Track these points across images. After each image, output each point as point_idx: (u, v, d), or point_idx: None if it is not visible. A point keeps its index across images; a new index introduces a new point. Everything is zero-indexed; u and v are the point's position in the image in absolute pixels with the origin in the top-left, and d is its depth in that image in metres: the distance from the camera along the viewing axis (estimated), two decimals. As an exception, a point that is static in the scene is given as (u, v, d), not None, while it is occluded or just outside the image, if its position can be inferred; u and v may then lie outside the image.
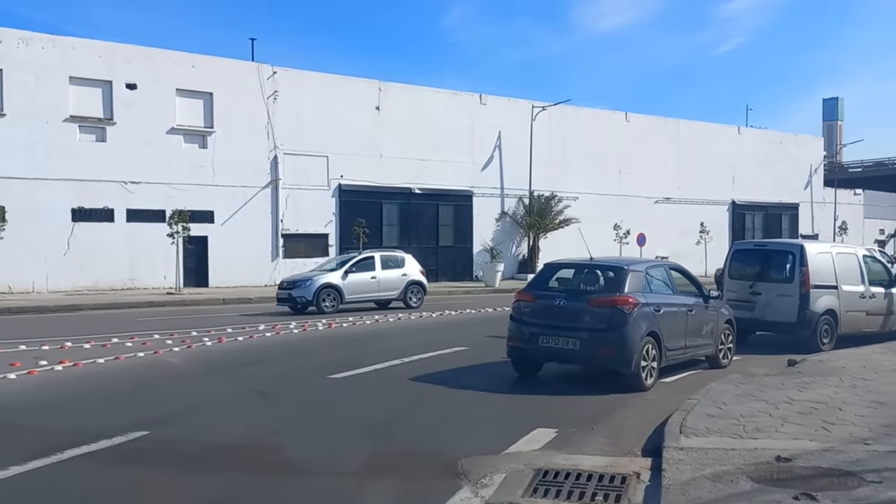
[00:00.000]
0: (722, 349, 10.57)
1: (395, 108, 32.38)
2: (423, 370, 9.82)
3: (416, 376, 9.35)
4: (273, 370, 10.14)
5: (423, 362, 10.54)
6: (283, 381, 9.33)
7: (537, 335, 8.93)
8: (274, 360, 10.97)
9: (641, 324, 8.68)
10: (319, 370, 9.78)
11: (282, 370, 10.13)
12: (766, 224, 47.30)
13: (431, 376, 9.39)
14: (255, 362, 10.78)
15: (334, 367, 9.93)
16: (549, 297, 9.07)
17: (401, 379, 9.26)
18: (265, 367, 10.41)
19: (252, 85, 29.19)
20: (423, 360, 10.65)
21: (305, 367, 10.31)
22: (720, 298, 10.32)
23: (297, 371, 10.03)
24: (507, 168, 35.92)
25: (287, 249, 29.85)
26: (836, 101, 66.40)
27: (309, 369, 10.08)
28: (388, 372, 9.80)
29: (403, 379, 9.24)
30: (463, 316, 18.59)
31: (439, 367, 10.14)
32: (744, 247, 13.74)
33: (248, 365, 10.55)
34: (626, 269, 8.96)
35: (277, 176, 29.51)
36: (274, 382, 9.26)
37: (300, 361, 10.91)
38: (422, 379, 9.24)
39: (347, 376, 9.42)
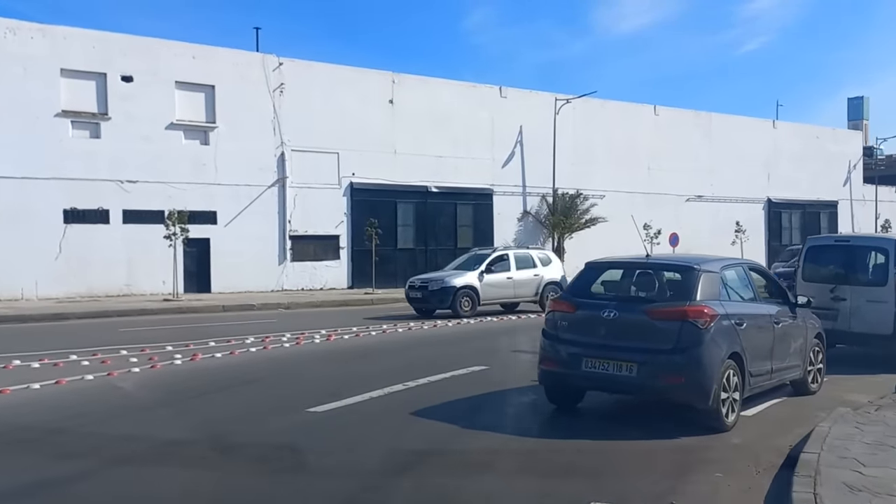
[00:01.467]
0: (811, 371, 8.40)
1: (409, 101, 30.39)
2: (429, 400, 7.76)
3: (420, 410, 7.27)
4: (241, 400, 8.10)
5: (432, 388, 8.48)
6: (245, 418, 7.26)
7: (579, 357, 6.84)
8: (247, 386, 8.94)
9: (721, 342, 6.56)
10: (300, 400, 7.74)
11: (252, 400, 8.10)
12: (804, 223, 44.69)
13: (439, 410, 7.32)
14: (225, 388, 8.76)
15: (320, 395, 7.90)
16: (593, 306, 6.98)
17: (398, 414, 7.21)
18: (233, 396, 8.39)
19: (257, 77, 27.34)
20: (431, 386, 8.60)
21: (283, 395, 8.29)
22: (808, 304, 8.13)
23: (270, 401, 8.00)
24: (530, 165, 33.80)
25: (295, 252, 27.94)
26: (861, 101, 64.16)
27: (287, 398, 8.05)
28: (385, 402, 7.75)
29: (403, 414, 7.17)
30: (482, 325, 16.48)
31: (450, 394, 8.09)
32: (821, 242, 11.44)
33: (214, 392, 8.53)
34: (696, 269, 6.84)
35: (284, 174, 27.61)
36: (234, 420, 7.20)
37: (280, 386, 8.88)
38: (426, 414, 7.17)
39: (332, 410, 7.36)
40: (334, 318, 17.90)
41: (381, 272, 28.55)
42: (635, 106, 38.27)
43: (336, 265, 28.63)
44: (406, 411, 7.19)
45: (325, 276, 28.36)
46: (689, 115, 40.39)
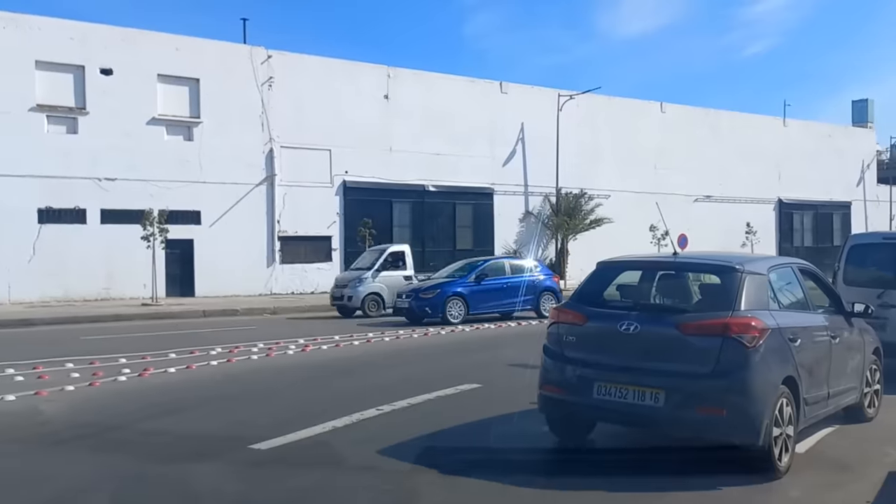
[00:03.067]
0: (868, 393, 6.96)
1: (405, 96, 29.02)
2: (405, 430, 6.33)
3: (390, 447, 5.81)
4: (178, 431, 6.64)
5: (412, 413, 7.06)
6: (171, 458, 5.69)
7: (590, 381, 5.41)
8: (193, 410, 7.51)
9: (772, 364, 5.15)
10: (245, 432, 6.30)
11: (190, 430, 6.64)
12: (816, 224, 43.29)
13: (413, 446, 5.86)
14: (166, 413, 7.33)
15: (271, 426, 6.49)
16: (609, 317, 5.54)
17: (362, 453, 5.76)
18: (173, 423, 6.94)
19: (244, 70, 26.01)
20: (412, 410, 7.17)
21: (229, 423, 6.87)
22: (869, 313, 6.67)
23: (209, 432, 6.54)
24: (532, 163, 32.39)
25: (285, 254, 26.56)
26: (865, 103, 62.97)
27: (233, 428, 6.63)
28: (350, 435, 6.31)
29: (367, 453, 5.72)
30: (478, 333, 15.03)
31: (432, 422, 6.67)
32: (866, 241, 9.98)
33: (150, 418, 7.10)
34: (739, 270, 5.40)
35: (273, 171, 26.25)
36: (155, 459, 5.66)
37: (228, 412, 7.45)
38: (396, 452, 5.71)
39: (281, 446, 5.90)
40: (320, 326, 16.50)
41: (376, 275, 27.13)
42: (641, 103, 36.85)
43: (328, 267, 27.23)
44: (373, 448, 5.75)
45: (317, 279, 26.96)
46: (698, 113, 38.99)
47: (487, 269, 18.04)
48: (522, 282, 18.08)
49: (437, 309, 16.77)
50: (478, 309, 17.24)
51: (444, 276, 18.65)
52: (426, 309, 17.00)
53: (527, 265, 19.55)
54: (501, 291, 17.70)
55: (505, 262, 19.51)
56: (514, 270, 18.61)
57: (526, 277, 18.32)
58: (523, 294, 17.87)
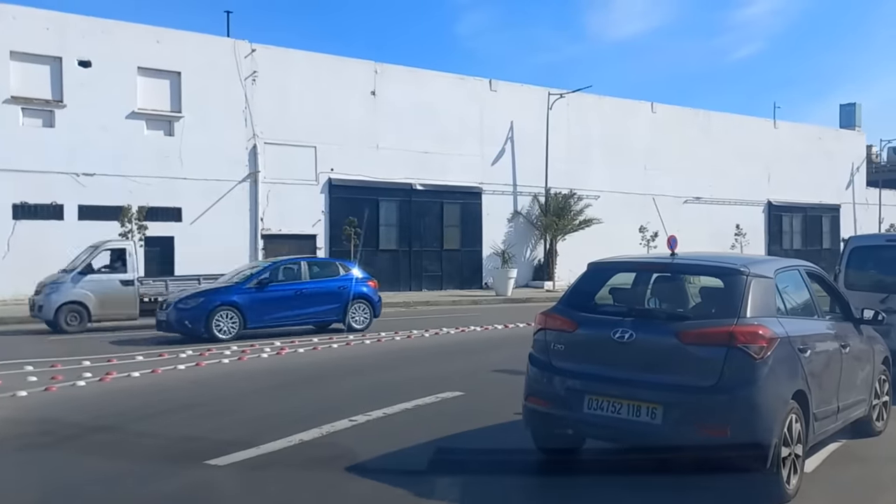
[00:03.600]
0: (876, 405, 6.52)
1: (393, 93, 28.46)
2: (379, 444, 5.83)
3: (361, 463, 5.31)
4: (127, 444, 6.09)
5: (387, 425, 6.55)
6: (113, 475, 5.22)
7: (580, 394, 4.93)
8: (150, 420, 6.96)
9: (781, 377, 4.68)
10: (205, 445, 5.79)
11: (142, 443, 6.10)
12: (805, 227, 43.09)
13: (387, 464, 5.38)
14: (117, 423, 6.75)
15: (235, 438, 5.97)
16: (601, 324, 5.06)
17: (330, 470, 5.28)
18: (123, 435, 6.40)
19: (227, 64, 25.37)
20: (387, 421, 6.66)
21: (188, 435, 6.34)
22: (879, 320, 6.21)
23: (163, 445, 6.01)
24: (521, 162, 31.92)
25: (268, 252, 25.90)
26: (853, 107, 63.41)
27: (191, 440, 6.11)
28: (318, 449, 5.81)
29: (336, 471, 5.23)
30: (464, 336, 14.51)
31: (409, 435, 6.17)
32: (868, 243, 9.52)
33: (98, 430, 6.53)
34: (745, 273, 4.92)
35: (257, 168, 25.63)
36: (94, 477, 5.20)
37: (189, 422, 6.91)
38: (368, 470, 5.21)
39: (241, 462, 5.40)
40: (299, 327, 15.93)
41: (361, 275, 26.59)
42: (632, 103, 36.45)
43: (312, 267, 26.62)
44: (342, 465, 5.25)
45: (301, 279, 26.35)
46: (688, 114, 38.66)
47: (275, 272, 15.10)
48: (326, 287, 15.24)
49: (199, 322, 13.50)
50: (260, 322, 14.23)
51: (225, 281, 15.52)
52: (185, 322, 13.67)
53: (333, 267, 16.57)
54: (294, 300, 14.70)
55: (303, 263, 16.05)
56: (316, 274, 15.66)
57: (331, 282, 15.46)
58: (327, 303, 15.10)
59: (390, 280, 28.23)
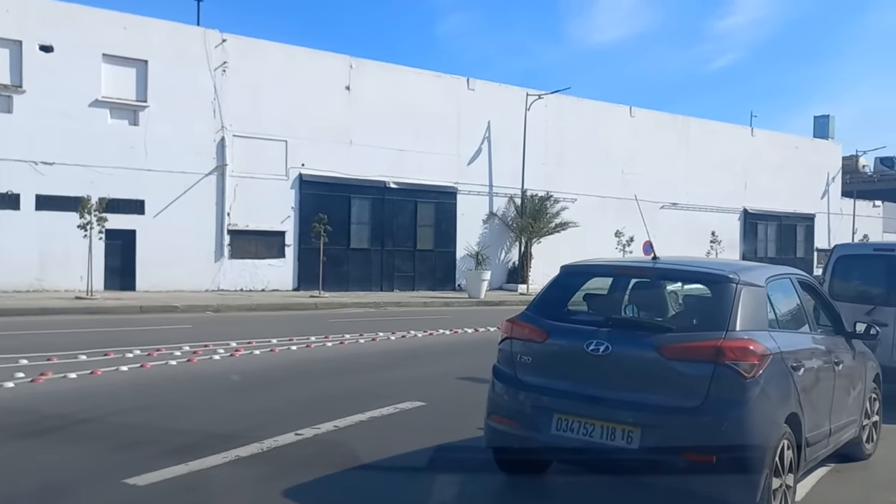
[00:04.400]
0: (866, 426, 6.03)
1: (368, 88, 27.81)
2: (324, 464, 5.21)
3: (298, 486, 4.70)
4: (42, 457, 5.43)
5: (336, 440, 5.94)
6: (14, 496, 4.59)
7: (549, 413, 4.38)
8: (73, 429, 6.28)
9: (774, 398, 4.17)
10: (128, 459, 5.14)
11: (58, 456, 5.44)
12: (780, 235, 43.12)
13: (326, 488, 4.75)
14: (38, 431, 6.08)
15: (163, 451, 5.34)
16: (573, 334, 4.50)
17: (269, 493, 4.63)
18: (40, 445, 5.72)
19: (196, 53, 24.56)
20: (337, 435, 6.06)
21: (112, 447, 5.68)
22: (873, 334, 5.72)
23: (81, 459, 5.35)
24: (497, 163, 31.43)
25: (234, 248, 25.15)
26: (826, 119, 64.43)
27: (114, 453, 5.46)
28: (253, 469, 5.18)
29: (272, 495, 4.59)
30: (432, 340, 13.91)
31: (359, 452, 5.58)
32: (855, 251, 9.10)
33: (14, 438, 5.85)
34: (734, 280, 4.39)
35: (224, 161, 24.83)
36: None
37: (116, 432, 6.24)
38: (303, 496, 4.59)
39: (163, 481, 4.77)
40: (261, 327, 15.25)
41: (332, 274, 25.94)
42: (610, 106, 36.14)
43: (281, 264, 25.93)
44: (278, 488, 4.64)
45: (268, 276, 25.64)
46: (666, 119, 38.44)
47: None
48: None
49: None
50: None
51: None
52: None
53: None
54: None
55: None
56: None
57: None
58: None
59: (361, 280, 27.62)
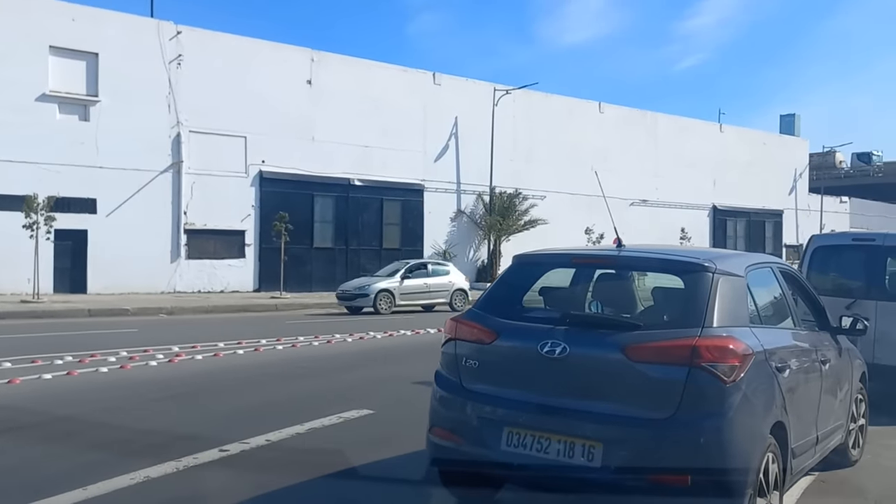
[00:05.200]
0: (852, 430, 5.50)
1: (331, 83, 27.07)
2: (246, 487, 4.55)
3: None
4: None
5: (266, 456, 5.27)
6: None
7: (498, 426, 3.75)
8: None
9: (757, 406, 3.58)
10: (17, 484, 4.42)
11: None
12: (749, 231, 43.16)
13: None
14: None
15: (59, 475, 4.64)
16: (527, 334, 3.87)
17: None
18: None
19: (150, 46, 23.64)
20: (267, 451, 5.38)
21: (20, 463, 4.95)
22: (860, 329, 5.18)
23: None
24: (465, 160, 30.85)
25: (192, 248, 24.26)
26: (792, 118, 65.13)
27: (4, 476, 4.71)
28: (166, 491, 4.50)
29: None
30: (391, 341, 13.23)
31: (289, 473, 4.93)
32: (833, 242, 8.57)
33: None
34: (710, 269, 3.78)
35: (180, 158, 23.95)
36: None
37: (14, 453, 5.51)
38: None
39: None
40: (212, 330, 14.45)
41: (295, 274, 25.17)
42: (579, 102, 35.78)
43: (241, 265, 25.09)
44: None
45: (228, 277, 24.78)
46: (635, 115, 38.20)
47: None
48: None
49: None
50: None
51: None
52: None
53: None
54: None
55: None
56: None
57: None
58: None
59: (325, 280, 26.84)
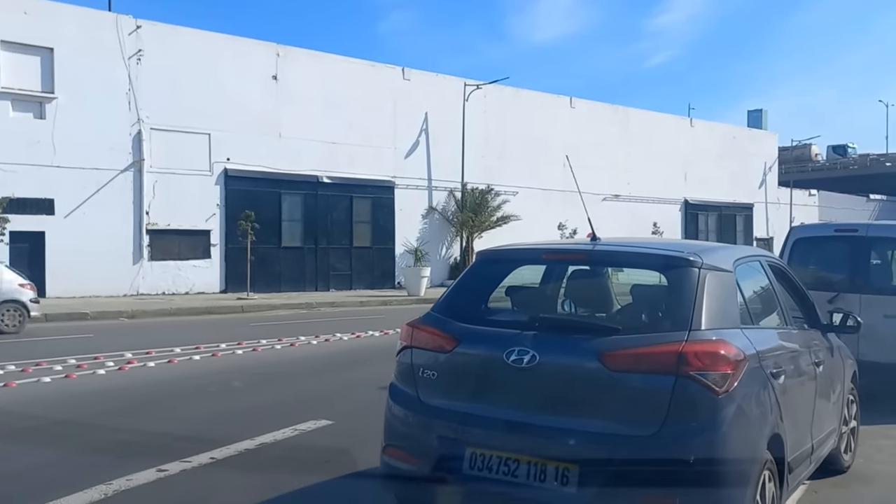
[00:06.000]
0: (844, 433, 5.14)
1: (297, 78, 26.42)
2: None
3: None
4: None
5: (208, 476, 4.78)
6: None
7: (460, 446, 3.30)
8: None
9: (752, 418, 3.20)
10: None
11: None
12: (720, 225, 43.24)
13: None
14: None
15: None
16: (491, 340, 3.43)
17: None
18: None
19: (109, 41, 22.81)
20: (211, 470, 4.88)
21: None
22: (852, 326, 4.80)
23: None
24: (436, 156, 30.38)
25: (155, 249, 23.49)
26: (759, 113, 66.02)
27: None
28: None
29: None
30: (358, 343, 12.74)
31: (234, 495, 4.39)
32: (814, 233, 8.23)
33: None
34: (696, 263, 3.35)
35: (142, 156, 23.15)
36: None
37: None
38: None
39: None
40: (172, 334, 13.86)
41: (263, 274, 24.53)
42: (551, 97, 35.45)
43: (206, 265, 24.38)
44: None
45: (193, 278, 24.06)
46: (607, 110, 38.01)
47: None
48: None
49: None
50: None
51: None
52: None
53: None
54: None
55: None
56: None
57: None
58: None
59: (294, 280, 26.26)
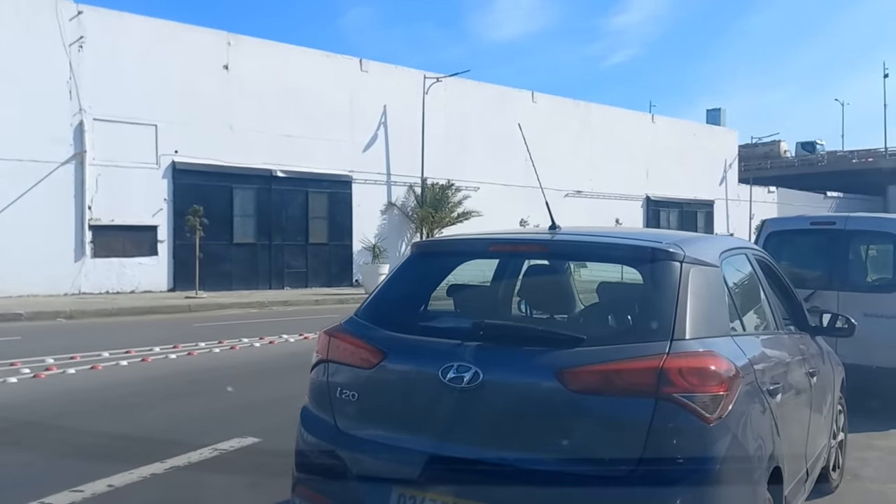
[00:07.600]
0: (832, 448, 4.57)
1: (249, 68, 25.44)
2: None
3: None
4: None
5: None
6: None
7: (386, 486, 2.60)
8: None
9: (749, 449, 2.55)
10: None
11: None
12: (682, 222, 43.28)
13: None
14: None
15: None
16: (424, 353, 2.73)
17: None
18: None
19: (47, 27, 21.61)
20: (103, 500, 4.10)
21: None
22: (846, 328, 4.24)
23: None
24: (395, 150, 29.64)
25: (98, 246, 22.35)
26: (718, 112, 66.80)
27: None
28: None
29: None
30: (305, 345, 11.96)
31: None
32: (788, 227, 7.68)
33: None
34: (677, 256, 2.68)
35: (84, 148, 21.98)
36: None
37: None
38: None
39: None
40: (106, 337, 12.94)
41: (213, 272, 23.55)
42: (513, 91, 34.95)
43: (153, 263, 23.31)
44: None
45: (139, 277, 22.97)
46: (569, 105, 37.67)
47: None
48: None
49: None
50: None
51: None
52: None
53: None
54: None
55: None
56: None
57: None
58: None
59: (247, 278, 25.32)
